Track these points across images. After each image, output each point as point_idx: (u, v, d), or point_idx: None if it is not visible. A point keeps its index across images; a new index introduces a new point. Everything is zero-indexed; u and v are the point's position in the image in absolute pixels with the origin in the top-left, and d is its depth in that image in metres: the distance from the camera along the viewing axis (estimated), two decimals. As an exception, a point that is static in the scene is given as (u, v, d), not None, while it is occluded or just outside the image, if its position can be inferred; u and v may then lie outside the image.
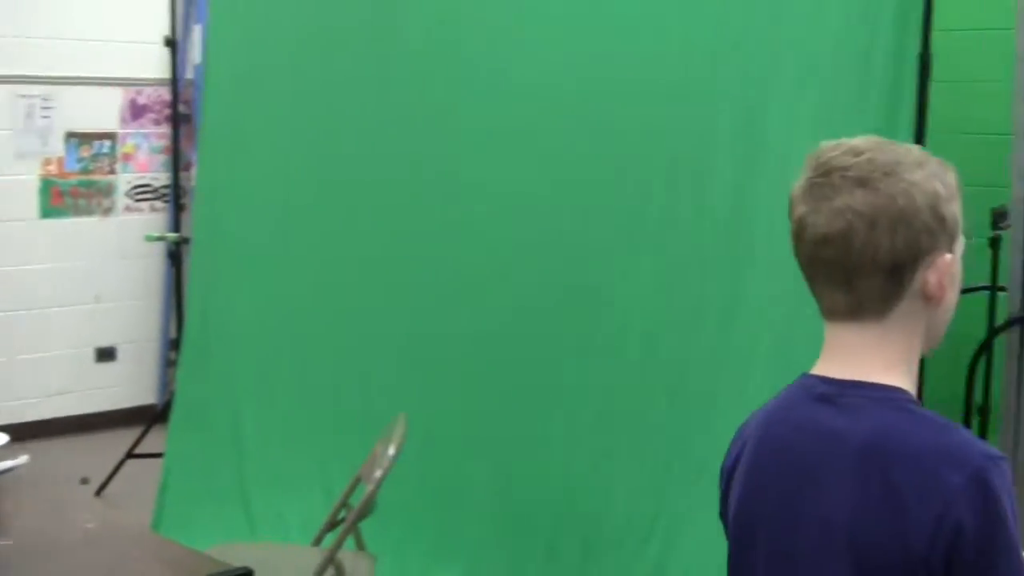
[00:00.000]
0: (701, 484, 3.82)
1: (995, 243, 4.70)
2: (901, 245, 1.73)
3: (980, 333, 4.88)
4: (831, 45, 3.75)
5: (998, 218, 4.64)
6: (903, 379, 1.80)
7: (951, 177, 1.80)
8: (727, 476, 1.95)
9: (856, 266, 1.75)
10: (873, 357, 1.79)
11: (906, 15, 3.69)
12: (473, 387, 4.41)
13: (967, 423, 4.89)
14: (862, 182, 1.73)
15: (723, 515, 1.99)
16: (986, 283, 4.82)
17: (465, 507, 4.46)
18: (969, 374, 4.88)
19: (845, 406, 1.78)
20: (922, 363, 5.24)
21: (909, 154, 1.79)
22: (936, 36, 3.89)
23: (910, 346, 1.81)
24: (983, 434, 4.79)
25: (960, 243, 1.81)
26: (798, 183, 1.81)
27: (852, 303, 1.78)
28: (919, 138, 3.94)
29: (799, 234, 1.79)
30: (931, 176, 1.77)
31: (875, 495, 1.71)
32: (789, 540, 1.81)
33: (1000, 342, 4.76)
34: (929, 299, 1.78)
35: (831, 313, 1.82)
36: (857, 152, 1.77)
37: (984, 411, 4.83)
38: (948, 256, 1.77)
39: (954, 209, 1.78)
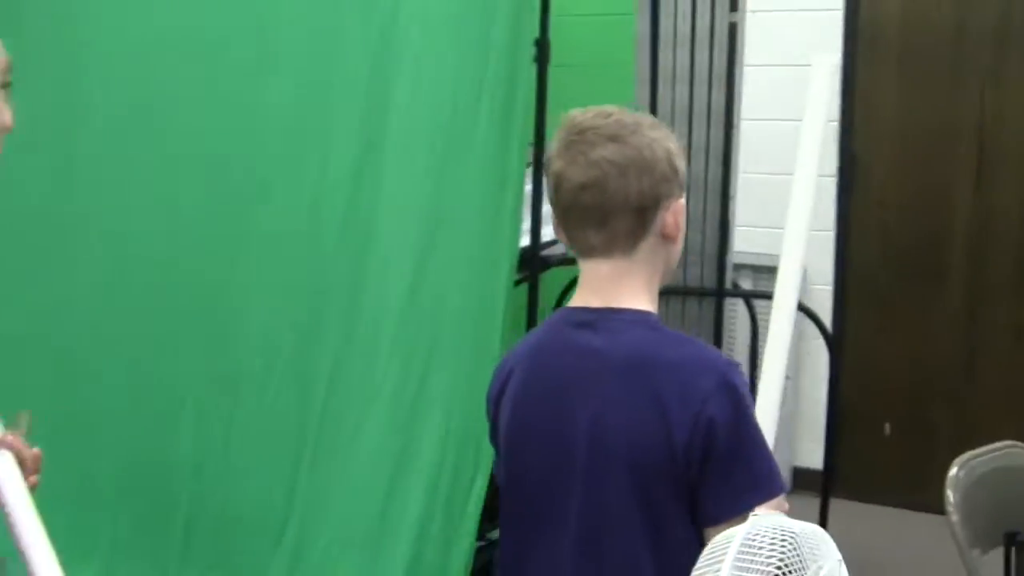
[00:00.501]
0: (332, 467, 3.82)
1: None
2: (646, 189, 2.05)
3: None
4: (450, 32, 3.76)
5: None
6: (649, 304, 2.12)
7: (675, 139, 2.13)
8: (494, 403, 2.23)
9: (610, 208, 2.04)
10: (623, 286, 2.09)
11: (521, 2, 3.74)
12: (96, 384, 4.25)
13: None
14: (613, 138, 2.05)
15: (492, 439, 2.28)
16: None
17: (96, 507, 4.30)
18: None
19: (604, 329, 2.08)
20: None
21: (646, 118, 2.14)
22: (557, 21, 3.96)
23: (652, 276, 2.12)
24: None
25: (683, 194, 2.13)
26: (555, 143, 2.11)
27: (605, 241, 2.07)
28: (539, 121, 4.00)
29: (558, 185, 2.08)
30: (666, 135, 2.11)
31: (641, 401, 2.02)
32: (564, 450, 2.08)
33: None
34: (667, 237, 2.10)
35: (587, 251, 2.10)
36: (606, 115, 2.08)
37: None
38: (681, 201, 2.11)
39: (682, 164, 2.11)
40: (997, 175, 5.16)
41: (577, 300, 2.15)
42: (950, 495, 3.33)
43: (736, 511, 1.95)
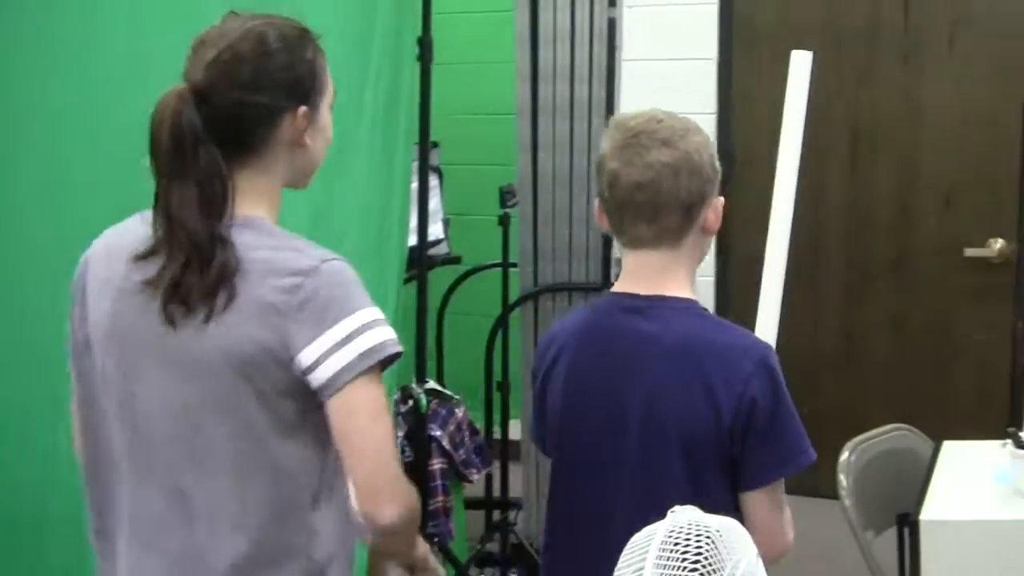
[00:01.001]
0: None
1: (504, 221, 4.81)
2: (694, 189, 2.28)
3: (496, 310, 5.00)
4: (331, 30, 3.70)
5: (506, 196, 4.75)
6: (691, 292, 2.36)
7: (712, 143, 2.36)
8: (541, 377, 2.45)
9: (662, 205, 2.27)
10: (669, 276, 2.33)
11: (403, 1, 3.72)
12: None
13: (488, 400, 5.01)
14: (666, 142, 2.26)
15: (537, 420, 2.51)
16: (498, 260, 4.93)
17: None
18: (487, 350, 4.99)
19: (656, 316, 2.31)
20: (440, 339, 5.31)
21: (688, 122, 2.33)
22: (437, 19, 3.95)
23: (693, 267, 2.38)
24: (504, 409, 4.91)
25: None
26: (607, 144, 2.31)
27: (656, 234, 2.30)
28: (423, 119, 3.98)
29: (613, 183, 2.28)
30: (707, 139, 2.34)
31: (692, 384, 2.25)
32: (618, 427, 2.30)
33: (515, 318, 4.89)
34: (707, 231, 2.35)
35: (637, 243, 2.32)
36: (657, 120, 2.30)
37: (504, 387, 4.93)
38: (721, 199, 2.35)
39: (718, 164, 2.34)
40: (872, 170, 5.24)
41: (624, 287, 2.38)
42: (842, 479, 3.39)
43: (772, 480, 2.31)
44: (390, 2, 3.71)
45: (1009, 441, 3.07)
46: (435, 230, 4.71)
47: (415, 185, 4.00)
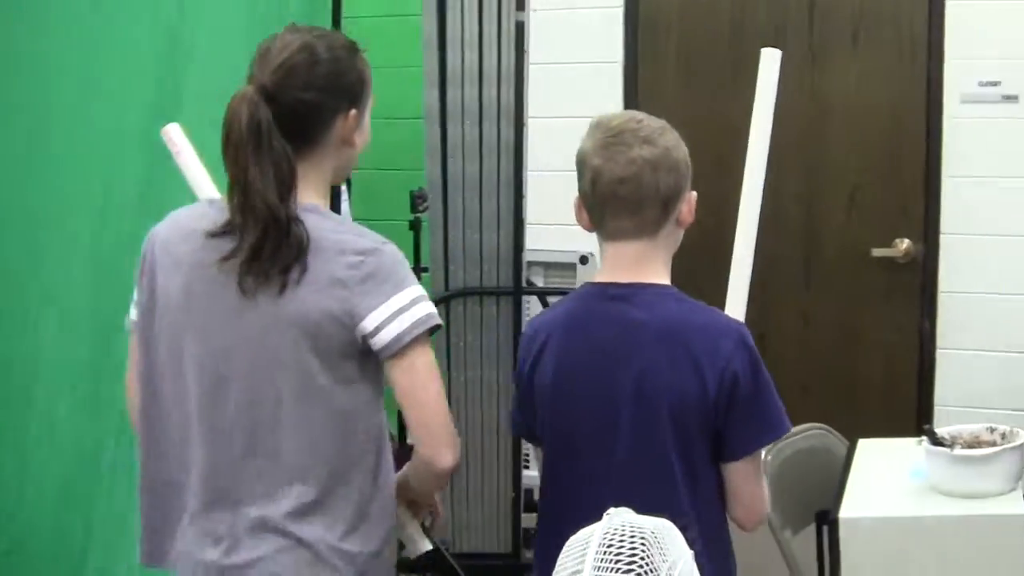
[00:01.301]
0: (132, 488, 3.72)
1: (415, 225, 4.80)
2: (672, 183, 2.49)
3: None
4: (241, 36, 3.70)
5: (417, 200, 4.75)
6: (667, 279, 2.56)
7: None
8: (529, 368, 2.60)
9: (643, 199, 2.47)
10: (647, 265, 2.52)
11: (314, 5, 3.70)
12: None
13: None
14: (647, 140, 2.47)
15: (523, 405, 2.65)
16: (410, 265, 4.91)
17: None
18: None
19: (640, 302, 2.50)
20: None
21: (663, 122, 2.54)
22: (347, 24, 3.94)
23: (668, 257, 2.58)
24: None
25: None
26: (590, 143, 2.51)
27: (636, 226, 2.49)
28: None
29: (596, 179, 2.48)
30: (679, 137, 2.54)
31: (680, 362, 2.44)
32: (610, 406, 2.48)
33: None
34: (681, 223, 2.56)
35: (617, 234, 2.52)
36: (637, 120, 2.51)
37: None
38: (694, 193, 2.55)
39: (689, 161, 2.55)
40: (779, 170, 5.25)
41: (605, 276, 2.57)
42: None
43: (755, 449, 2.52)
44: (301, 6, 3.69)
45: (924, 438, 3.12)
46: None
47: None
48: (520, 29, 4.72)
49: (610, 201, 2.50)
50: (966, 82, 5.36)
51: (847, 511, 3.04)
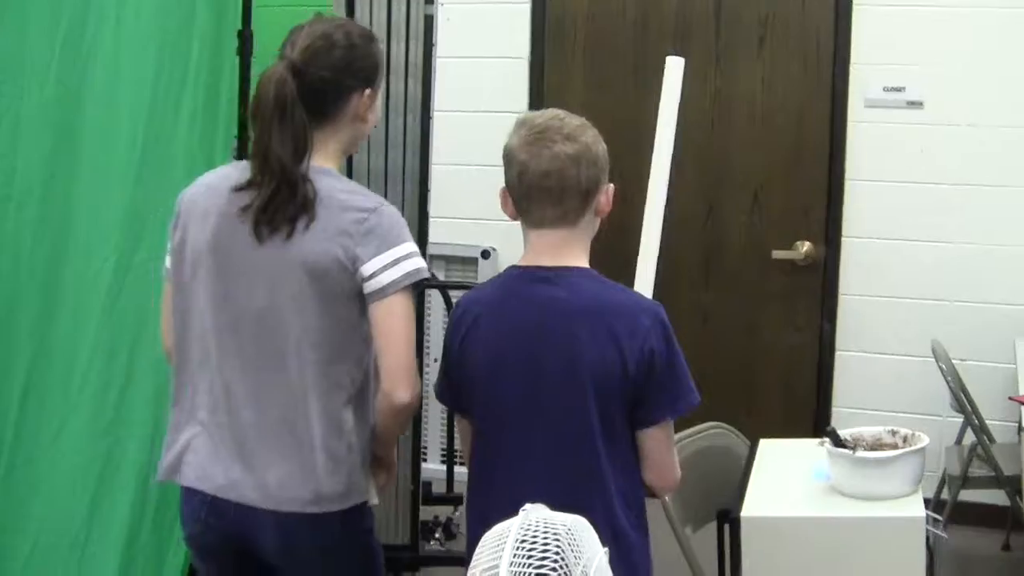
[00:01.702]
0: (32, 473, 3.70)
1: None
2: (591, 176, 2.68)
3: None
4: (149, 22, 3.64)
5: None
6: (586, 263, 2.74)
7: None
8: (457, 344, 2.77)
9: (565, 190, 2.66)
10: (569, 251, 2.72)
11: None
12: None
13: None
14: (569, 137, 2.65)
15: (449, 374, 2.83)
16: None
17: None
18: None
19: (562, 283, 2.69)
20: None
21: (583, 120, 2.71)
22: (256, 12, 3.89)
23: (587, 242, 2.77)
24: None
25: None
26: (516, 139, 2.69)
27: (559, 215, 2.69)
28: (243, 114, 3.91)
29: (522, 173, 2.67)
30: (598, 134, 2.72)
31: (602, 337, 2.63)
32: (537, 379, 2.66)
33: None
34: (599, 213, 2.75)
35: (541, 222, 2.71)
36: (559, 118, 2.69)
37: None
38: (612, 185, 2.75)
39: (607, 156, 2.73)
40: (683, 169, 5.31)
41: (530, 260, 2.74)
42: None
43: (666, 417, 2.71)
44: (211, -6, 3.65)
45: (826, 439, 3.15)
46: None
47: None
48: (429, 22, 4.70)
49: (535, 193, 2.68)
50: (871, 87, 5.44)
51: (749, 510, 3.06)
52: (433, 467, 5.52)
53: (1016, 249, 5.44)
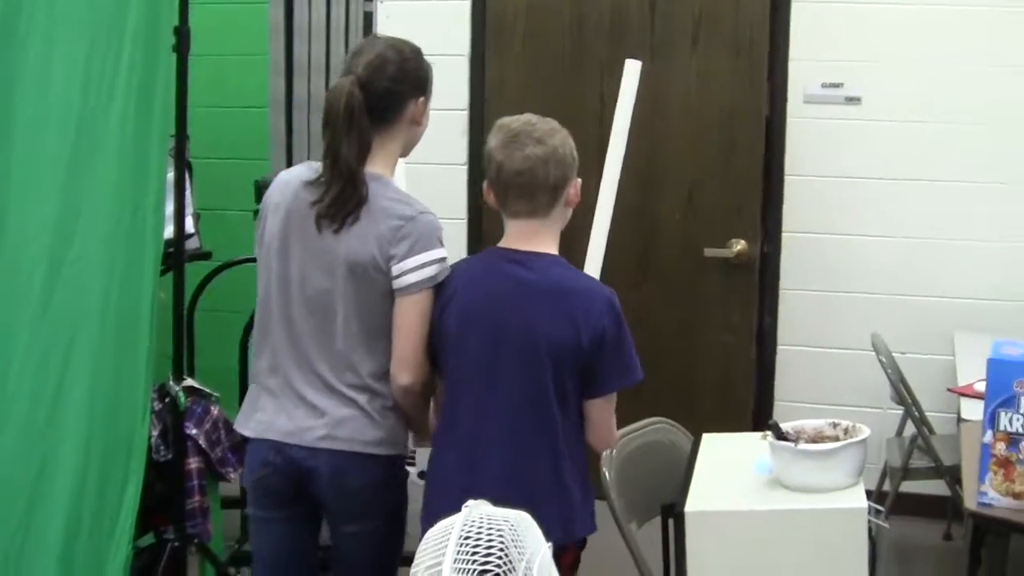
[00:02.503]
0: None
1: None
2: (559, 174, 3.07)
3: (251, 305, 4.91)
4: (82, 17, 3.60)
5: (262, 190, 4.65)
6: (555, 250, 3.15)
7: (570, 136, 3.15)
8: (439, 312, 3.13)
9: (536, 187, 3.06)
10: (540, 239, 3.12)
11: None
12: None
13: (244, 395, 4.91)
14: (539, 140, 3.04)
15: (437, 337, 3.15)
16: (253, 255, 4.84)
17: None
18: (243, 346, 4.91)
19: (531, 266, 3.08)
20: (191, 336, 5.19)
21: (554, 124, 3.11)
22: (194, 10, 3.86)
23: (557, 232, 3.17)
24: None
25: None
26: (494, 143, 3.08)
27: (531, 208, 3.09)
28: (180, 111, 3.89)
29: (499, 171, 3.06)
30: (567, 135, 3.11)
31: (560, 314, 3.02)
32: (501, 348, 3.05)
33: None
34: (568, 205, 3.15)
35: (517, 214, 3.11)
36: (531, 123, 3.08)
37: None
38: (579, 180, 3.15)
39: (575, 154, 3.12)
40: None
41: (507, 244, 3.13)
42: (606, 473, 3.44)
43: (612, 390, 3.10)
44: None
45: (768, 433, 3.16)
46: (185, 225, 4.59)
47: (170, 177, 3.90)
48: (368, 19, 4.71)
49: (510, 189, 3.08)
50: (810, 83, 5.47)
51: (693, 504, 3.06)
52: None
53: (953, 242, 5.49)
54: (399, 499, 3.32)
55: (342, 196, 3.10)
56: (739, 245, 5.38)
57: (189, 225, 4.80)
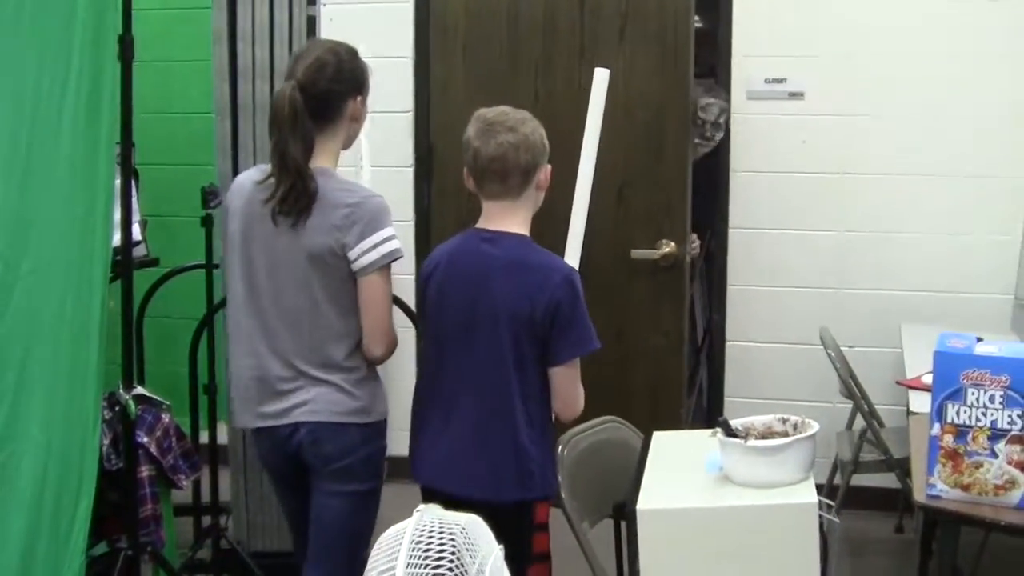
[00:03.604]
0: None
1: (207, 221, 4.72)
2: (530, 159, 3.40)
3: (197, 312, 4.91)
4: (28, 28, 3.57)
5: (209, 197, 4.65)
6: (525, 230, 3.47)
7: (541, 126, 3.47)
8: (423, 284, 3.53)
9: (508, 171, 3.38)
10: (511, 219, 3.45)
11: (105, -3, 3.62)
12: None
13: (194, 401, 4.92)
14: (511, 128, 3.38)
15: (420, 309, 3.64)
16: (201, 262, 4.84)
17: None
18: (192, 352, 4.89)
19: (499, 244, 3.41)
20: (140, 343, 5.17)
21: (526, 114, 3.44)
22: (137, 16, 3.84)
23: (528, 213, 3.49)
24: (212, 413, 4.82)
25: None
26: (472, 131, 3.40)
27: (503, 190, 3.41)
28: (126, 118, 3.86)
29: (476, 157, 3.38)
30: (538, 125, 3.45)
31: (519, 288, 3.35)
32: (471, 316, 3.40)
33: (220, 319, 4.79)
34: (539, 188, 3.48)
35: (491, 195, 3.44)
36: (505, 114, 3.41)
37: (211, 390, 4.83)
38: (548, 166, 3.47)
39: (546, 142, 3.46)
40: (553, 160, 5.32)
41: (482, 224, 3.48)
42: (557, 474, 3.44)
43: (570, 358, 3.40)
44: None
45: (718, 429, 3.17)
46: (132, 232, 4.57)
47: (116, 184, 3.88)
48: (312, 23, 4.68)
49: (486, 173, 3.41)
50: (753, 79, 5.50)
51: (644, 503, 3.06)
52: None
53: (898, 235, 5.55)
54: (379, 461, 3.58)
55: (293, 192, 3.36)
56: (667, 247, 5.34)
57: (136, 232, 4.77)
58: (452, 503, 2.93)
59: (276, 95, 3.41)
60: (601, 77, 4.21)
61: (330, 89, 3.44)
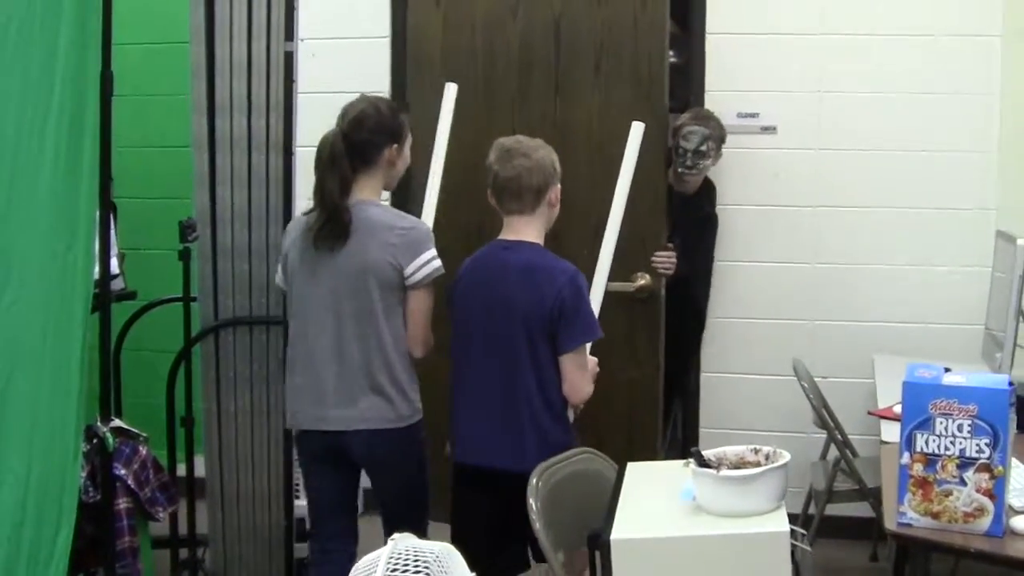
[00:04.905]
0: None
1: (184, 255, 4.74)
2: (542, 181, 4.03)
3: (174, 344, 4.92)
4: (10, 63, 3.59)
5: (187, 230, 4.68)
6: (539, 240, 4.09)
7: (553, 152, 4.12)
8: (453, 286, 4.11)
9: (523, 191, 4.01)
10: (527, 231, 4.06)
11: (86, 33, 3.63)
12: None
13: (171, 434, 4.92)
14: (525, 154, 4.02)
15: (450, 306, 4.14)
16: (179, 295, 4.86)
17: None
18: (169, 385, 4.90)
19: (515, 251, 4.03)
20: (119, 376, 5.16)
21: (539, 142, 4.09)
22: (116, 51, 3.87)
23: (542, 226, 4.12)
24: (189, 445, 4.81)
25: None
26: (493, 157, 4.05)
27: (520, 207, 4.05)
28: (105, 153, 3.88)
29: (496, 178, 4.04)
30: (551, 151, 4.09)
31: (529, 288, 3.95)
32: (492, 313, 4.00)
33: (197, 352, 4.81)
34: (551, 205, 4.10)
35: (510, 212, 4.07)
36: (520, 142, 4.06)
37: (188, 422, 4.85)
38: (559, 185, 4.10)
39: (558, 166, 4.11)
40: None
41: (503, 235, 4.09)
42: (532, 503, 3.47)
43: (576, 345, 3.98)
44: (72, 34, 3.61)
45: (691, 460, 3.20)
46: (110, 265, 4.59)
47: (96, 214, 3.90)
48: (289, 59, 4.71)
49: (504, 192, 4.04)
50: (726, 114, 5.54)
51: (618, 532, 3.08)
52: (304, 503, 5.49)
53: (870, 267, 5.60)
54: (423, 460, 4.14)
55: (328, 224, 3.97)
56: (643, 279, 5.36)
57: (114, 265, 4.79)
58: (483, 475, 4.01)
59: (321, 140, 4.05)
60: (637, 132, 4.60)
61: (369, 139, 4.05)
